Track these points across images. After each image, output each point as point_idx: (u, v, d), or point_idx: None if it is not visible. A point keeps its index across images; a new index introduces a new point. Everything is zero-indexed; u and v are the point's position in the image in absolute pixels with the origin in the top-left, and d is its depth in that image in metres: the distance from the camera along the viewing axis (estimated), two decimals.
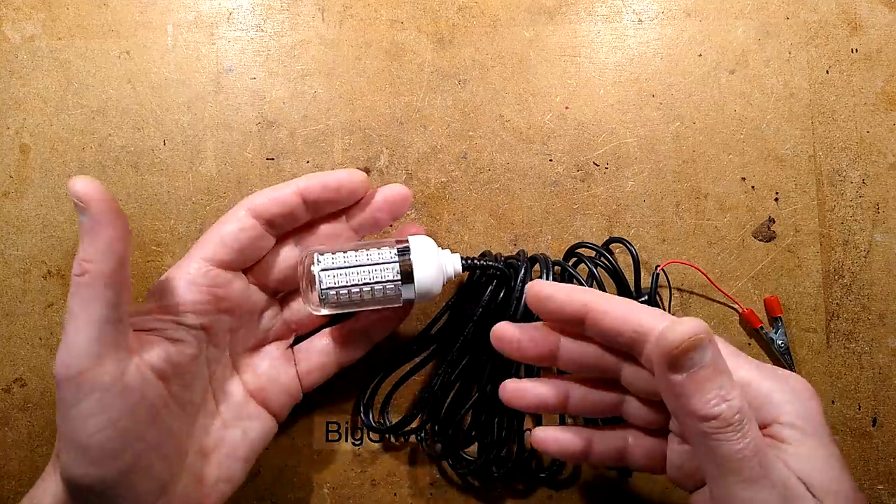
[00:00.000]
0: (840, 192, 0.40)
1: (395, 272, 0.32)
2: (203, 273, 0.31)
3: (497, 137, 0.41)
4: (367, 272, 0.32)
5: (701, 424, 0.24)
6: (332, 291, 0.32)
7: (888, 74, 0.41)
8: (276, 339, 0.36)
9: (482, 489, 0.39)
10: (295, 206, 0.33)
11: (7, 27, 0.42)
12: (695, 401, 0.24)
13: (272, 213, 0.32)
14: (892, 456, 0.39)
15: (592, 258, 0.37)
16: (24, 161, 0.41)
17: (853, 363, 0.40)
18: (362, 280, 0.32)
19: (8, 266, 0.40)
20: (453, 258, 0.34)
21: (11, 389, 0.40)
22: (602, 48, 0.41)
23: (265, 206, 0.32)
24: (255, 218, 0.32)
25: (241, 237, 0.32)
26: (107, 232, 0.27)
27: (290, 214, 0.33)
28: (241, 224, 0.32)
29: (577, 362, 0.30)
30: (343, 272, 0.32)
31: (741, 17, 0.41)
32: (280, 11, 0.42)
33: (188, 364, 0.31)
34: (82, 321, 0.26)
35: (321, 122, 0.41)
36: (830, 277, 0.40)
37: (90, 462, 0.27)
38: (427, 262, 0.32)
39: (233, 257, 0.32)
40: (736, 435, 0.24)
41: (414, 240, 0.33)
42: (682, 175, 0.41)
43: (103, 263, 0.27)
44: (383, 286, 0.32)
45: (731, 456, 0.24)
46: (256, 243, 0.33)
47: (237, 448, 0.33)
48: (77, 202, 0.27)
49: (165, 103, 0.41)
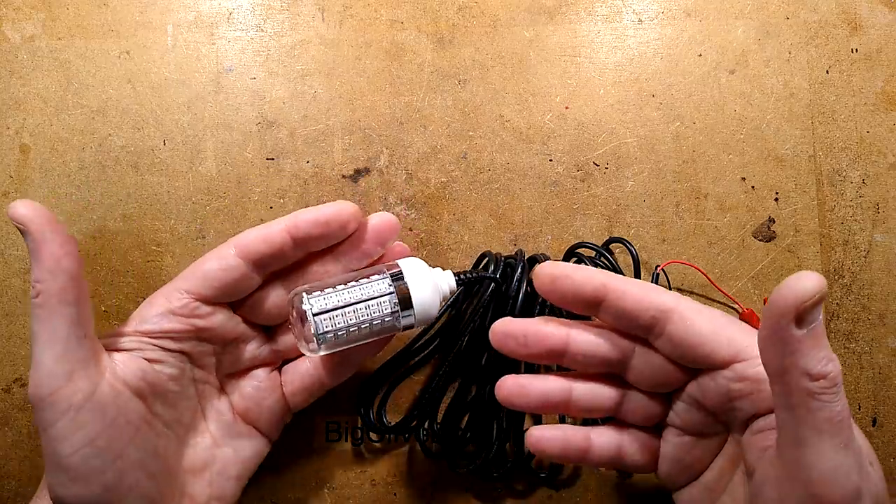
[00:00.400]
0: (840, 192, 0.40)
1: (392, 304, 0.31)
2: (182, 304, 0.31)
3: (497, 137, 0.41)
4: (365, 309, 0.30)
5: (810, 384, 0.23)
6: (330, 334, 0.30)
7: (888, 74, 0.41)
8: (262, 364, 0.35)
9: (482, 489, 0.39)
10: (283, 244, 0.31)
11: (7, 27, 0.42)
12: (809, 358, 0.23)
13: (260, 251, 0.31)
14: (892, 456, 0.39)
15: (592, 258, 0.37)
16: (24, 161, 0.41)
17: (853, 363, 0.40)
18: (360, 318, 0.30)
19: (8, 266, 0.40)
20: (446, 276, 0.33)
21: (11, 389, 0.40)
22: (602, 48, 0.41)
23: (253, 245, 0.31)
24: (242, 258, 0.31)
25: (224, 277, 0.31)
26: (50, 250, 0.27)
27: (278, 253, 0.32)
28: (226, 263, 0.31)
29: (587, 355, 0.29)
30: (339, 313, 0.30)
31: (741, 17, 0.41)
32: (280, 11, 0.42)
33: (168, 383, 0.31)
34: (46, 341, 0.27)
35: (321, 122, 0.41)
36: (830, 277, 0.40)
37: (72, 481, 0.27)
38: (423, 287, 0.31)
39: (214, 294, 0.31)
40: (836, 397, 0.24)
41: (405, 264, 0.32)
42: (682, 175, 0.41)
43: (53, 282, 0.27)
44: (381, 319, 0.31)
45: (833, 418, 0.23)
46: (240, 283, 0.32)
47: (229, 466, 0.33)
48: (18, 226, 0.27)
49: (165, 103, 0.41)
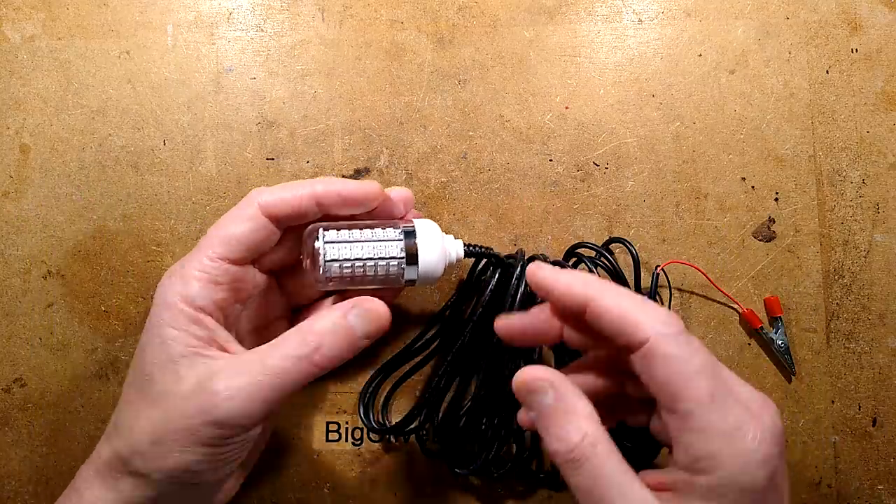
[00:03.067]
0: (840, 192, 0.40)
1: (399, 249, 0.32)
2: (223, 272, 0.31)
3: (497, 137, 0.41)
4: (372, 248, 0.32)
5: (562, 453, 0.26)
6: (336, 264, 0.31)
7: (888, 74, 0.41)
8: (278, 315, 0.36)
9: (482, 489, 0.39)
10: (308, 209, 0.32)
11: (7, 27, 0.42)
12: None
13: (285, 214, 0.32)
14: (892, 456, 0.39)
15: (592, 258, 0.37)
16: (24, 161, 0.41)
17: (853, 363, 0.40)
18: (366, 255, 0.32)
19: (8, 266, 0.40)
20: (456, 243, 0.35)
21: (11, 389, 0.40)
22: (602, 48, 0.41)
23: (279, 208, 0.31)
24: (267, 217, 0.31)
25: (254, 238, 0.31)
26: None
27: (301, 217, 0.32)
28: (255, 224, 0.31)
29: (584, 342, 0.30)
30: (347, 246, 0.32)
31: (741, 17, 0.41)
32: (280, 11, 0.42)
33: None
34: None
35: (321, 122, 0.41)
36: (830, 277, 0.40)
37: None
38: (431, 244, 0.32)
39: (245, 256, 0.32)
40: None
41: (419, 222, 0.33)
42: (682, 175, 0.41)
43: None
44: (387, 263, 0.32)
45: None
46: (267, 242, 0.32)
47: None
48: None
49: (165, 103, 0.41)
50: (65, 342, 0.40)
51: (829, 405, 0.39)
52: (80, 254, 0.40)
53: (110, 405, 0.40)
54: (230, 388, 0.28)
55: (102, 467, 0.30)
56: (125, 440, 0.29)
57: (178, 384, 0.29)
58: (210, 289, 0.30)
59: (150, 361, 0.29)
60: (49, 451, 0.40)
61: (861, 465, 0.39)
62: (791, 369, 0.39)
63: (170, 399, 0.29)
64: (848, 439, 0.39)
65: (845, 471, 0.39)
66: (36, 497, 0.39)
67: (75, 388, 0.40)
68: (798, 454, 0.39)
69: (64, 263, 0.40)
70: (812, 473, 0.39)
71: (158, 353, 0.29)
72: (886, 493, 0.39)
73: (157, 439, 0.29)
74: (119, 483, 0.30)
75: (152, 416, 0.29)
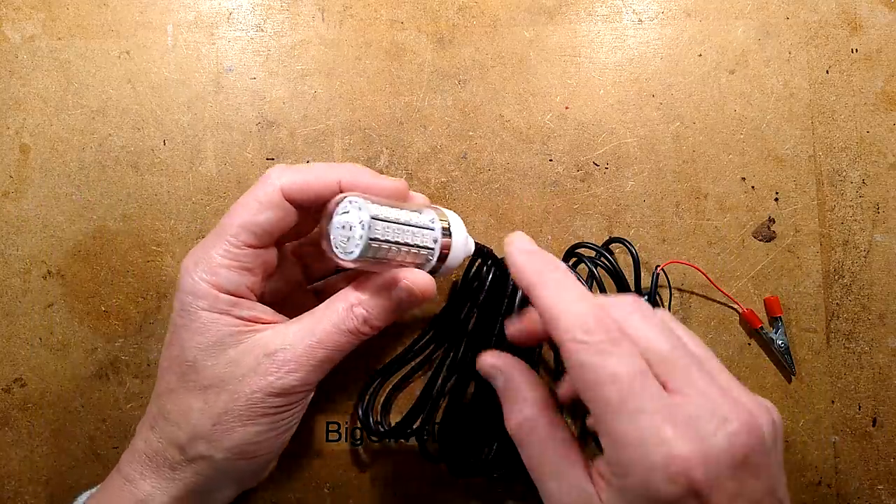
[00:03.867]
0: (840, 192, 0.40)
1: (432, 241, 0.31)
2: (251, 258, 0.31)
3: (497, 137, 0.41)
4: (411, 233, 0.30)
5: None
6: (376, 245, 0.29)
7: (888, 74, 0.41)
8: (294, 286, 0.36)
9: (482, 489, 0.39)
10: (331, 196, 0.31)
11: (7, 27, 0.42)
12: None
13: (308, 199, 0.31)
14: (892, 456, 0.39)
15: (592, 258, 0.37)
16: (24, 161, 0.41)
17: (853, 363, 0.40)
18: (405, 240, 0.30)
19: (8, 266, 0.40)
20: (471, 239, 0.34)
21: (11, 389, 0.40)
22: (602, 48, 0.41)
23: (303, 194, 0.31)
24: (290, 201, 0.31)
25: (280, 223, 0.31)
26: None
27: (323, 201, 0.31)
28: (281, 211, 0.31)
29: None
30: (389, 226, 0.29)
31: (741, 17, 0.41)
32: (280, 11, 0.42)
33: None
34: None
35: (321, 122, 0.41)
36: (830, 277, 0.40)
37: None
38: (459, 235, 0.32)
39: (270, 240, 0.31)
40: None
41: (450, 214, 0.33)
42: (682, 175, 0.41)
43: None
44: (418, 250, 0.31)
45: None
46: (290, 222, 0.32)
47: None
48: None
49: (165, 103, 0.41)
50: (65, 342, 0.40)
51: (829, 405, 0.39)
52: (80, 254, 0.40)
53: (110, 405, 0.40)
54: (290, 360, 0.29)
55: (155, 457, 0.31)
56: (182, 427, 0.30)
57: (231, 364, 0.30)
58: (240, 274, 0.31)
59: (192, 347, 0.30)
60: (49, 451, 0.40)
61: (861, 465, 0.39)
62: (791, 369, 0.39)
63: (226, 379, 0.30)
64: (848, 439, 0.39)
65: (845, 471, 0.39)
66: (36, 497, 0.39)
67: (75, 388, 0.40)
68: (798, 454, 0.39)
69: (64, 263, 0.40)
70: (812, 473, 0.39)
71: (200, 339, 0.30)
72: (886, 493, 0.39)
73: (219, 419, 0.29)
74: (177, 471, 0.30)
75: (209, 398, 0.30)
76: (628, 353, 0.25)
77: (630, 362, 0.25)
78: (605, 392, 0.25)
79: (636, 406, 0.24)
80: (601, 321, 0.26)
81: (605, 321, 0.26)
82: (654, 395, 0.25)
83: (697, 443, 0.23)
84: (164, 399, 0.31)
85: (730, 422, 0.24)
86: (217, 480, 0.31)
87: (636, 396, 0.24)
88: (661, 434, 0.23)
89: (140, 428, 0.32)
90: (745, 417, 0.24)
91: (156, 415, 0.31)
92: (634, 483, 0.24)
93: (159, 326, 0.40)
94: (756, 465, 0.24)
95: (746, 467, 0.24)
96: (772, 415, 0.26)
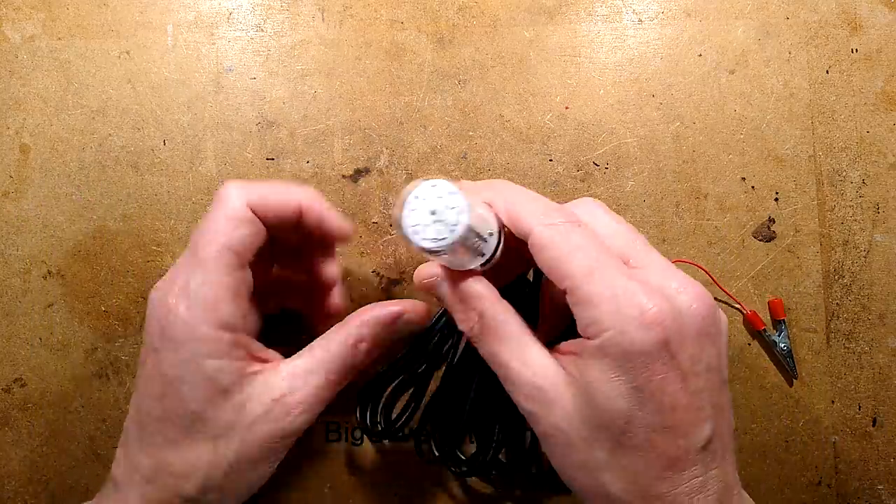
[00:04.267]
0: (840, 192, 0.40)
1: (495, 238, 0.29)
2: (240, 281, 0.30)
3: (497, 137, 0.41)
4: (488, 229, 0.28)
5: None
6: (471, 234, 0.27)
7: (888, 74, 0.41)
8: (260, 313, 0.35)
9: (482, 489, 0.39)
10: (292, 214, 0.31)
11: (7, 27, 0.42)
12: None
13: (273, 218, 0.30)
14: (892, 456, 0.39)
15: None
16: (24, 161, 0.41)
17: (853, 363, 0.40)
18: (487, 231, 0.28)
19: (8, 266, 0.40)
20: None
21: (11, 389, 0.40)
22: (602, 48, 0.41)
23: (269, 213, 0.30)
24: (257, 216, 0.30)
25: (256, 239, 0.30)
26: None
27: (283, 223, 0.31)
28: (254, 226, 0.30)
29: None
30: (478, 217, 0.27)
31: (741, 17, 0.41)
32: (280, 11, 0.42)
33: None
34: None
35: (321, 122, 0.41)
36: (830, 277, 0.40)
37: None
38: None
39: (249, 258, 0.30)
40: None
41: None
42: (682, 175, 0.41)
43: None
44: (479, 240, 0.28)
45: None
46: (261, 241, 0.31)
47: None
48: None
49: (165, 103, 0.41)
50: (65, 342, 0.40)
51: (829, 405, 0.39)
52: (80, 254, 0.41)
53: (110, 405, 0.40)
54: (300, 402, 0.30)
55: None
56: (191, 480, 0.29)
57: (238, 410, 0.29)
58: (236, 304, 0.29)
59: (196, 399, 0.28)
60: (49, 451, 0.40)
61: (861, 465, 0.39)
62: (793, 373, 0.39)
63: (235, 427, 0.29)
64: (848, 439, 0.39)
65: (845, 471, 0.39)
66: (36, 497, 0.39)
67: (75, 388, 0.40)
68: (798, 454, 0.39)
69: (64, 263, 0.40)
70: (812, 473, 0.39)
71: (204, 389, 0.28)
72: (886, 493, 0.39)
73: (231, 468, 0.29)
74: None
75: (219, 448, 0.28)
76: (591, 233, 0.27)
77: (593, 238, 0.27)
78: (575, 261, 0.26)
79: (606, 271, 0.26)
80: (560, 209, 0.28)
81: (563, 209, 0.28)
82: (620, 264, 0.26)
83: (667, 301, 0.25)
84: (166, 453, 0.29)
85: (688, 291, 0.26)
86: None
87: (604, 264, 0.26)
88: (634, 290, 0.25)
89: (128, 478, 0.29)
90: (700, 291, 0.26)
91: (154, 469, 0.29)
92: (609, 336, 0.25)
93: None
94: (713, 335, 0.26)
95: (706, 335, 0.26)
96: (693, 294, 0.27)
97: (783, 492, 0.39)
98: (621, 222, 0.29)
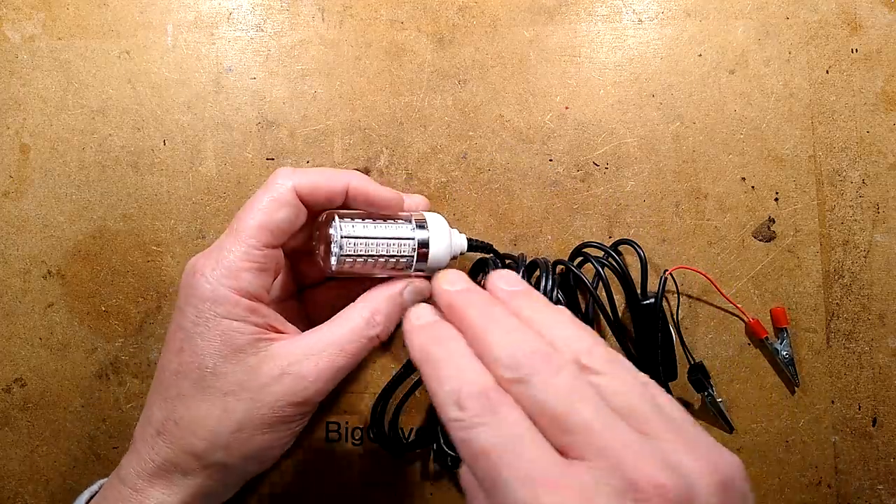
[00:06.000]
0: (840, 192, 0.40)
1: (411, 248, 0.33)
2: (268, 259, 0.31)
3: (497, 137, 0.41)
4: (386, 245, 0.32)
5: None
6: (349, 259, 0.32)
7: (888, 74, 0.41)
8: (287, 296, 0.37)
9: None
10: (338, 199, 0.33)
11: (7, 27, 0.42)
12: None
13: (318, 201, 0.32)
14: (892, 456, 0.39)
15: (599, 258, 0.37)
16: (24, 161, 0.41)
17: (853, 363, 0.40)
18: (380, 252, 0.32)
19: (8, 266, 0.40)
20: (461, 237, 0.35)
21: (11, 389, 0.40)
22: (602, 48, 0.41)
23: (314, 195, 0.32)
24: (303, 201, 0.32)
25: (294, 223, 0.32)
26: None
27: (330, 204, 0.33)
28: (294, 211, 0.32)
29: None
30: (363, 242, 0.32)
31: (741, 17, 0.41)
32: (280, 11, 0.42)
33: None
34: None
35: (321, 122, 0.41)
36: (830, 277, 0.40)
37: None
38: (440, 240, 0.33)
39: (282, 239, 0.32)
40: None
41: (429, 216, 0.34)
42: (682, 175, 0.41)
43: None
44: (397, 259, 0.33)
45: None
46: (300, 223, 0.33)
47: None
48: None
49: (165, 103, 0.41)
50: (65, 342, 0.40)
51: (829, 405, 0.39)
52: (80, 254, 0.41)
53: (110, 405, 0.40)
54: (314, 370, 0.30)
55: (165, 464, 0.30)
56: (198, 435, 0.30)
57: (252, 372, 0.30)
58: (260, 276, 0.31)
59: (211, 354, 0.30)
60: (49, 451, 0.40)
61: (861, 465, 0.39)
62: (794, 380, 0.39)
63: (247, 387, 0.30)
64: (848, 439, 0.39)
65: (845, 471, 0.39)
66: (36, 497, 0.39)
67: (75, 388, 0.40)
68: (798, 454, 0.39)
69: (64, 263, 0.40)
70: (812, 473, 0.39)
71: (220, 346, 0.30)
72: (886, 493, 0.39)
73: (240, 427, 0.29)
74: (189, 476, 0.30)
75: (229, 405, 0.30)
76: (505, 420, 0.22)
77: (505, 431, 0.22)
78: (477, 470, 0.22)
79: (509, 479, 0.21)
80: (479, 391, 0.23)
81: (483, 387, 0.23)
82: (536, 461, 0.21)
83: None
84: (176, 405, 0.30)
85: (638, 490, 0.19)
86: (227, 482, 0.31)
87: (510, 467, 0.21)
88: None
89: (142, 433, 0.31)
90: (667, 481, 0.19)
91: (164, 421, 0.30)
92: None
93: (159, 326, 0.40)
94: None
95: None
96: (722, 474, 0.20)
97: (783, 492, 0.39)
98: (572, 380, 0.23)
